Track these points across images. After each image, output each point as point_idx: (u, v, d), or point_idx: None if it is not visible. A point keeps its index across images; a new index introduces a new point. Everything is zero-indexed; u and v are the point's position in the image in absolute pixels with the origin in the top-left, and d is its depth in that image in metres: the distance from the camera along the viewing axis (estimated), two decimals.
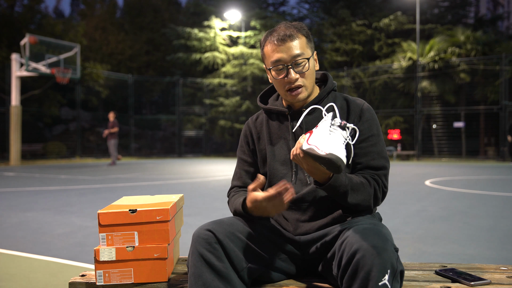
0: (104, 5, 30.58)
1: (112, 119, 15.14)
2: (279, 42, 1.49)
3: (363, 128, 1.53)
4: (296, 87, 1.51)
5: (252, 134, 1.67)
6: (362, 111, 1.55)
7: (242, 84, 23.73)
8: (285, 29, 1.51)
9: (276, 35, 1.51)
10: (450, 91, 20.41)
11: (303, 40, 1.51)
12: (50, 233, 4.27)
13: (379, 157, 1.52)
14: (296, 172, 1.55)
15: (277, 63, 1.50)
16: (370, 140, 1.53)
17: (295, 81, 1.50)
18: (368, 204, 1.48)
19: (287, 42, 1.49)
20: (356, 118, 1.54)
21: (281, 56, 1.49)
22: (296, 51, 1.49)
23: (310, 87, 1.54)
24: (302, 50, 1.50)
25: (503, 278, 1.47)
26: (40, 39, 16.29)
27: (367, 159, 1.52)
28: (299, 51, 1.49)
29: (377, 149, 1.53)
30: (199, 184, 9.08)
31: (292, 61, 1.49)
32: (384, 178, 1.52)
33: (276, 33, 1.51)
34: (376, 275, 1.16)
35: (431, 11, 26.51)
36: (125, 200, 1.71)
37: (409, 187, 8.12)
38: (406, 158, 20.25)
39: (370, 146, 1.53)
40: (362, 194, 1.45)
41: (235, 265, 1.34)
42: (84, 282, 1.54)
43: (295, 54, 1.49)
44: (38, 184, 9.01)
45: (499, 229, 4.34)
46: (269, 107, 1.64)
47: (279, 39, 1.49)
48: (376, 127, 1.56)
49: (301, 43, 1.50)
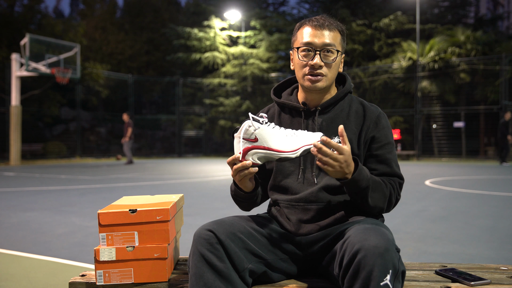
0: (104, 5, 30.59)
1: (127, 120, 15.37)
2: (317, 27, 1.52)
3: (380, 135, 1.54)
4: (317, 74, 1.52)
5: None
6: (378, 118, 1.56)
7: (242, 84, 23.72)
8: (326, 19, 1.55)
9: (316, 21, 1.54)
10: (450, 91, 20.40)
11: (338, 35, 1.55)
12: (50, 233, 4.27)
13: (395, 165, 1.55)
14: (304, 170, 1.55)
15: (308, 45, 1.52)
16: (386, 148, 1.55)
17: (318, 68, 1.51)
18: (382, 206, 1.48)
19: (324, 29, 1.52)
20: (372, 125, 1.54)
21: (314, 40, 1.51)
22: (329, 41, 1.51)
23: (330, 80, 1.55)
24: (335, 42, 1.53)
25: (503, 278, 1.47)
26: (40, 39, 16.30)
27: (383, 167, 1.53)
28: (332, 41, 1.52)
29: (393, 157, 1.55)
30: (199, 184, 9.08)
31: (322, 48, 1.51)
32: (398, 186, 1.53)
33: (316, 20, 1.55)
34: (377, 275, 1.16)
35: (431, 11, 26.50)
36: (125, 200, 1.71)
37: (409, 187, 8.11)
38: (406, 158, 20.25)
39: (387, 153, 1.54)
40: (380, 193, 1.46)
41: (236, 265, 1.34)
42: (84, 282, 1.54)
43: (327, 42, 1.51)
44: (38, 184, 9.01)
45: (499, 229, 4.34)
46: (284, 101, 1.63)
47: (318, 25, 1.52)
48: (391, 135, 1.58)
49: (336, 36, 1.53)
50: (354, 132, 1.54)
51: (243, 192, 1.54)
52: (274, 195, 1.61)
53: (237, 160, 1.39)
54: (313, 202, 1.51)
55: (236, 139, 1.39)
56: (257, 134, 1.36)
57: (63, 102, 22.67)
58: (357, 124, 1.55)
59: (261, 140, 1.36)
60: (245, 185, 1.49)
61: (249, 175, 1.41)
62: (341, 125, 1.35)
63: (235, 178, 1.43)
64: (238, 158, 1.38)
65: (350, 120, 1.56)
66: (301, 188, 1.53)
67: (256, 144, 1.36)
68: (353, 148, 1.52)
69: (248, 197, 1.56)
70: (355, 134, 1.54)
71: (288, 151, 1.35)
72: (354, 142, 1.53)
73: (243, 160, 1.37)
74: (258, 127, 1.37)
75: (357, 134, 1.54)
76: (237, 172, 1.40)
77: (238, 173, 1.40)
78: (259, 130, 1.36)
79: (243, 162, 1.37)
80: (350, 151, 1.36)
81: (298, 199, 1.52)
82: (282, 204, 1.56)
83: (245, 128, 1.36)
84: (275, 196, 1.60)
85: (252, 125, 1.36)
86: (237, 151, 1.39)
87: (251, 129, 1.36)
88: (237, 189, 1.55)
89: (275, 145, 1.36)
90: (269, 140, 1.36)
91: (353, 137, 1.53)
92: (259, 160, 1.37)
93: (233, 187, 1.57)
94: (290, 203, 1.54)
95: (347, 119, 1.56)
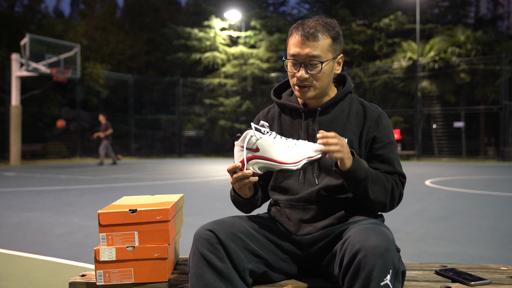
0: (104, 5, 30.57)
1: (104, 121, 15.07)
2: (301, 37, 1.48)
3: (381, 135, 1.54)
4: (304, 85, 1.51)
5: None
6: (379, 118, 1.55)
7: (242, 84, 23.72)
8: (313, 26, 1.49)
9: (301, 30, 1.49)
10: (450, 91, 20.41)
11: (326, 42, 1.49)
12: (50, 233, 4.27)
13: (398, 164, 1.54)
14: (305, 171, 1.55)
15: (293, 57, 1.50)
16: (388, 148, 1.54)
17: (303, 80, 1.50)
18: (384, 200, 1.46)
19: (308, 40, 1.47)
20: (373, 125, 1.54)
21: (298, 52, 1.49)
22: (313, 52, 1.47)
23: (321, 88, 1.53)
24: (321, 53, 1.48)
25: (503, 278, 1.47)
26: (40, 39, 16.30)
27: (385, 166, 1.53)
28: (316, 52, 1.47)
29: (395, 156, 1.55)
30: (199, 184, 9.08)
31: (305, 60, 1.48)
32: (401, 182, 1.53)
33: (302, 28, 1.50)
34: (378, 275, 1.16)
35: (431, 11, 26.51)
36: (125, 200, 1.71)
37: (409, 187, 8.11)
38: (406, 158, 20.25)
39: (388, 153, 1.53)
40: (381, 186, 1.44)
41: (236, 265, 1.34)
42: (84, 282, 1.54)
43: (311, 55, 1.47)
44: (38, 184, 9.01)
45: (499, 229, 4.34)
46: (284, 102, 1.63)
47: (302, 35, 1.48)
48: (392, 134, 1.57)
49: (322, 45, 1.48)
50: (354, 132, 1.54)
51: (242, 198, 1.54)
52: (274, 196, 1.61)
53: (238, 169, 1.38)
54: (314, 202, 1.51)
55: (237, 147, 1.39)
56: (259, 144, 1.36)
57: (63, 102, 22.67)
58: (358, 124, 1.55)
59: (262, 150, 1.36)
60: (244, 192, 1.49)
61: (249, 184, 1.41)
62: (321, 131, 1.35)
63: (235, 185, 1.43)
64: (238, 167, 1.37)
65: (350, 120, 1.56)
66: (302, 189, 1.53)
67: (258, 154, 1.36)
68: (354, 148, 1.52)
69: (248, 202, 1.57)
70: (356, 134, 1.54)
71: (289, 163, 1.35)
72: (355, 142, 1.53)
73: (243, 169, 1.37)
74: (260, 137, 1.37)
75: (358, 134, 1.54)
76: (236, 181, 1.40)
77: (238, 181, 1.40)
78: (261, 140, 1.36)
79: (243, 172, 1.37)
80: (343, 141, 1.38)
81: (298, 199, 1.52)
82: (283, 204, 1.56)
83: (247, 138, 1.36)
84: (276, 197, 1.60)
85: (254, 135, 1.36)
86: (238, 159, 1.38)
87: (253, 139, 1.36)
88: (236, 195, 1.55)
89: (277, 156, 1.36)
90: (271, 151, 1.36)
91: (353, 137, 1.53)
92: (260, 170, 1.38)
93: (233, 192, 1.58)
94: (291, 203, 1.54)
95: (347, 120, 1.56)
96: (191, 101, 26.12)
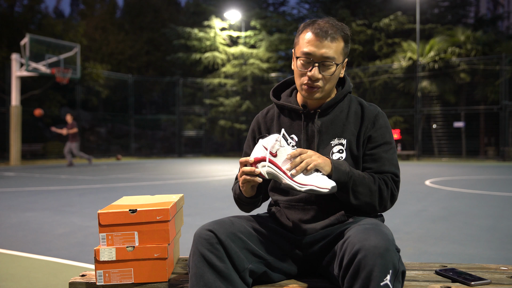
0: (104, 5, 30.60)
1: (71, 121, 14.78)
2: (317, 36, 1.45)
3: (376, 135, 1.53)
4: (314, 86, 1.49)
5: (260, 129, 1.67)
6: (376, 118, 1.54)
7: (242, 84, 23.73)
8: (329, 26, 1.47)
9: (318, 28, 1.46)
10: (450, 91, 20.41)
11: (340, 45, 1.48)
12: (50, 233, 4.27)
13: (390, 163, 1.52)
14: None
15: (307, 55, 1.47)
16: (382, 147, 1.53)
17: (315, 81, 1.48)
18: (371, 202, 1.45)
19: (325, 40, 1.45)
20: (370, 125, 1.53)
21: (314, 51, 1.46)
22: (329, 53, 1.46)
23: (327, 91, 1.53)
24: (335, 55, 1.47)
25: (503, 278, 1.47)
26: (40, 39, 16.29)
27: (377, 165, 1.51)
28: (332, 54, 1.46)
29: (388, 156, 1.52)
30: (199, 184, 9.09)
31: (321, 61, 1.46)
32: (392, 181, 1.50)
33: (318, 26, 1.47)
34: (378, 275, 1.16)
35: (431, 11, 26.50)
36: (125, 200, 1.71)
37: (409, 187, 8.11)
38: (406, 158, 20.25)
39: (381, 152, 1.52)
40: (365, 188, 1.43)
41: (236, 265, 1.34)
42: (84, 282, 1.54)
43: (326, 55, 1.46)
44: (38, 184, 9.01)
45: (499, 229, 4.34)
46: (283, 103, 1.62)
47: (319, 34, 1.45)
48: (389, 135, 1.55)
49: (337, 47, 1.47)
50: (353, 133, 1.54)
51: (245, 197, 1.55)
52: (274, 196, 1.62)
53: (249, 164, 1.40)
54: (313, 202, 1.51)
55: (259, 144, 1.41)
56: (279, 151, 1.38)
57: (63, 102, 22.65)
58: (356, 125, 1.55)
59: (279, 158, 1.38)
60: (246, 189, 1.50)
61: (252, 183, 1.42)
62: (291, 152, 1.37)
63: (240, 179, 1.45)
64: (250, 162, 1.40)
65: (349, 121, 1.55)
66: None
67: (273, 159, 1.38)
68: (353, 150, 1.52)
69: (251, 202, 1.58)
70: (354, 135, 1.53)
71: (296, 182, 1.36)
72: (353, 143, 1.53)
73: (253, 166, 1.40)
74: (283, 145, 1.39)
75: (356, 135, 1.54)
76: (243, 174, 1.42)
77: (243, 175, 1.42)
78: (283, 148, 1.38)
79: (251, 168, 1.39)
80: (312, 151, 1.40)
81: (298, 199, 1.52)
82: (282, 204, 1.56)
83: (272, 140, 1.38)
84: (276, 197, 1.61)
85: (279, 141, 1.39)
86: (254, 155, 1.41)
87: (277, 144, 1.38)
88: (241, 193, 1.56)
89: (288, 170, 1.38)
90: (286, 163, 1.38)
91: (352, 138, 1.53)
92: (267, 175, 1.39)
93: (237, 190, 1.59)
94: (290, 204, 1.54)
95: (347, 120, 1.56)
96: (191, 101, 26.13)
